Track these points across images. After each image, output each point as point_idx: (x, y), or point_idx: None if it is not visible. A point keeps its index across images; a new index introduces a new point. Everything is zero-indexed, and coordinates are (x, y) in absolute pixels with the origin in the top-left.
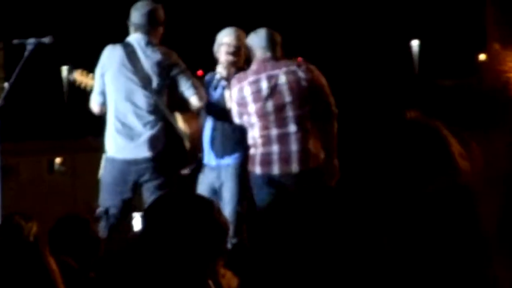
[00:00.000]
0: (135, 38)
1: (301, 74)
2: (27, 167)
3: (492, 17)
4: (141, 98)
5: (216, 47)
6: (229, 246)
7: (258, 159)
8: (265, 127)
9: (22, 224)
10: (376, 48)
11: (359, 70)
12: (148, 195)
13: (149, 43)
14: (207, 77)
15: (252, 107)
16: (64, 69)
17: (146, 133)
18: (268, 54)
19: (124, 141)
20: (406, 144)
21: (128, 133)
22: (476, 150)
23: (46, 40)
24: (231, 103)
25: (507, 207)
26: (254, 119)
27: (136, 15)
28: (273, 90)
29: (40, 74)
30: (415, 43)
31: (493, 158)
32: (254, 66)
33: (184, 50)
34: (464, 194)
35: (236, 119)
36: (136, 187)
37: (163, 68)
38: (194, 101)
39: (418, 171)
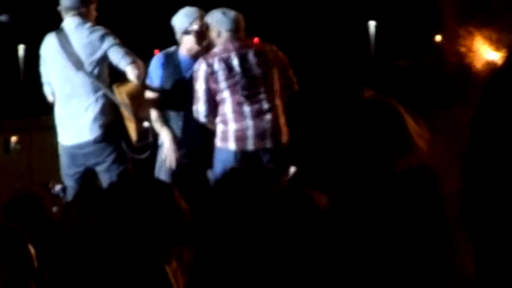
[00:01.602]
0: (66, 22)
1: (269, 53)
2: None
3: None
4: (78, 81)
5: (180, 31)
6: None
7: (231, 135)
8: (237, 103)
9: None
10: (333, 29)
11: (316, 50)
12: (103, 178)
13: (78, 24)
14: (163, 54)
15: (223, 84)
16: (21, 48)
17: (87, 116)
18: (235, 36)
19: (67, 126)
20: (364, 122)
21: (70, 118)
22: (424, 128)
23: (2, 18)
24: (196, 83)
25: (467, 183)
26: (226, 94)
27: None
28: (244, 66)
29: None
30: (371, 24)
31: (457, 133)
32: (221, 46)
33: (138, 29)
34: (425, 175)
35: (201, 98)
36: (91, 170)
37: (92, 46)
38: (130, 71)
39: (376, 149)
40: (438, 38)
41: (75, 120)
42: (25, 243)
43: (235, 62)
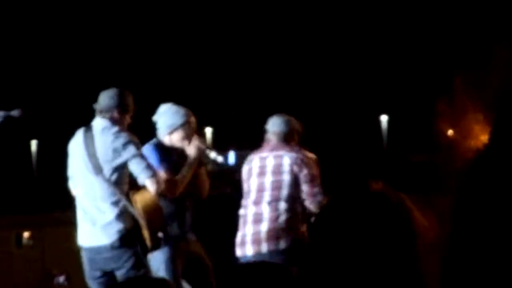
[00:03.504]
0: (96, 122)
1: (286, 158)
2: None
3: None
4: (96, 184)
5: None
6: None
7: (236, 240)
8: (245, 206)
9: None
10: (345, 123)
11: (328, 144)
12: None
13: (105, 128)
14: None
15: (243, 185)
16: (34, 143)
17: (103, 220)
18: (274, 138)
19: (85, 228)
20: (369, 216)
21: (88, 220)
22: (432, 220)
23: (15, 113)
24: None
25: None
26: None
27: (102, 99)
28: (260, 170)
29: (9, 148)
30: (384, 118)
31: (437, 221)
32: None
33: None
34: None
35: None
36: (110, 274)
37: (114, 154)
38: (149, 185)
39: (381, 245)
40: (450, 132)
41: (92, 222)
42: None
43: (255, 164)
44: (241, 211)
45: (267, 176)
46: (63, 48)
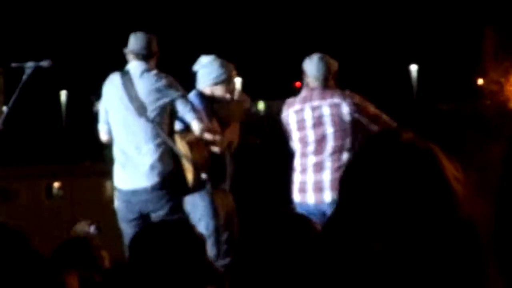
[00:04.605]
0: (132, 66)
1: (344, 107)
2: (26, 192)
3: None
4: (138, 126)
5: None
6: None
7: (295, 186)
8: (303, 155)
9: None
10: (375, 73)
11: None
12: None
13: (145, 70)
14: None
15: (296, 135)
16: (63, 94)
17: (144, 162)
18: (316, 84)
19: (124, 171)
20: (400, 168)
21: (127, 163)
22: (461, 171)
23: (44, 63)
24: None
25: (499, 214)
26: (297, 146)
27: (133, 43)
28: (316, 121)
29: (39, 98)
30: (413, 68)
31: (490, 166)
32: (302, 93)
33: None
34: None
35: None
36: (147, 216)
37: (158, 94)
38: (195, 124)
39: (413, 196)
40: (480, 81)
41: (133, 165)
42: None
43: (308, 115)
44: (297, 161)
45: (327, 127)
46: None
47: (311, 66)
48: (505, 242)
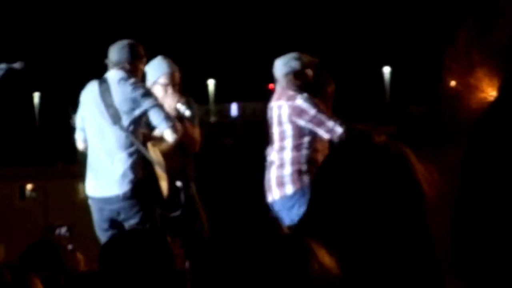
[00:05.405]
0: (111, 74)
1: (285, 109)
2: None
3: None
4: (112, 134)
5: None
6: None
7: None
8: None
9: None
10: (348, 74)
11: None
12: None
13: (122, 79)
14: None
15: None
16: (36, 95)
17: (117, 170)
18: (277, 84)
19: (97, 179)
20: (372, 170)
21: (100, 170)
22: (434, 173)
23: (17, 65)
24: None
25: (456, 222)
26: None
27: (113, 53)
28: (270, 120)
29: (12, 100)
30: (386, 70)
31: (448, 173)
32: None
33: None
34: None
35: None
36: (120, 225)
37: (133, 104)
38: (168, 134)
39: (383, 198)
40: (452, 83)
41: (105, 172)
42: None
43: (269, 114)
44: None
45: (274, 127)
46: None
47: (274, 66)
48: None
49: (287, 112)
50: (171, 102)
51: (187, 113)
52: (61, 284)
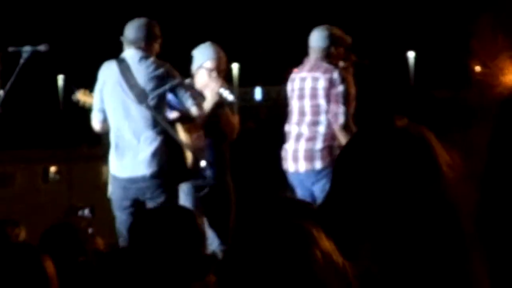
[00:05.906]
0: (129, 53)
1: (321, 82)
2: (22, 176)
3: (485, 32)
4: (138, 114)
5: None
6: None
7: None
8: (289, 124)
9: (7, 230)
10: (372, 59)
11: (355, 81)
12: None
13: (142, 58)
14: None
15: (289, 103)
16: (60, 78)
17: (144, 150)
18: (312, 55)
19: (122, 159)
20: (393, 153)
21: (126, 150)
22: (455, 157)
23: (41, 48)
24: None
25: (483, 200)
26: (289, 114)
27: (129, 31)
28: (299, 92)
29: (36, 82)
30: (411, 55)
31: (473, 153)
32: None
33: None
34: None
35: None
36: (142, 204)
37: (158, 82)
38: (194, 111)
39: (404, 181)
40: (477, 68)
41: (132, 152)
42: (41, 261)
43: (296, 86)
44: (287, 128)
45: (306, 100)
46: None
47: (311, 37)
48: (488, 226)
49: (323, 85)
50: (214, 86)
51: (230, 97)
52: (78, 262)
